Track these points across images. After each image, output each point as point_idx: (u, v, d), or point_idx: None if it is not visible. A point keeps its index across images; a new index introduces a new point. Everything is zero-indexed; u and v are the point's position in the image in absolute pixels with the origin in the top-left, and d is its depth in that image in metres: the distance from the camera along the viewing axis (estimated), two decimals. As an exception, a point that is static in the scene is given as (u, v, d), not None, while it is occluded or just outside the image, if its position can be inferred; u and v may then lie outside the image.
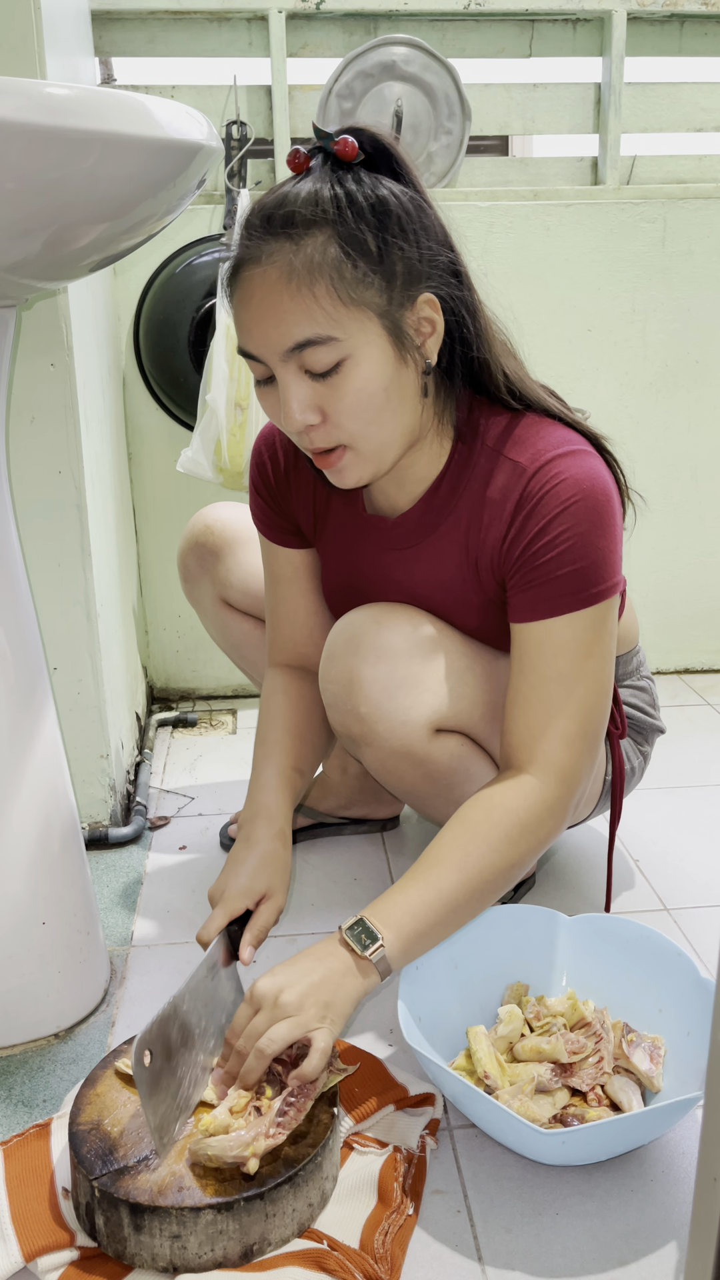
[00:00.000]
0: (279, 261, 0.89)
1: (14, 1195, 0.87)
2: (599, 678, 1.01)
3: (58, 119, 0.76)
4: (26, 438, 1.30)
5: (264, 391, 0.97)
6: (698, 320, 1.93)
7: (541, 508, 0.97)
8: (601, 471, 0.99)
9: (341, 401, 0.92)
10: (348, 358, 0.91)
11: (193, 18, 1.78)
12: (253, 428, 1.68)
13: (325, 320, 0.89)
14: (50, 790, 1.08)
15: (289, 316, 0.89)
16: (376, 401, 0.93)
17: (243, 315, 0.92)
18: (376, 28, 1.82)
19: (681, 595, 2.08)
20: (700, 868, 1.40)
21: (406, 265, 0.92)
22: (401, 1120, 0.95)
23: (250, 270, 0.91)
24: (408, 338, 0.94)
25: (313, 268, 0.88)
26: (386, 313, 0.91)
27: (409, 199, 0.92)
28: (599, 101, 1.90)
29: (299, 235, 0.88)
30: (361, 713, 1.06)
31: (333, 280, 0.88)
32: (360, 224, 0.89)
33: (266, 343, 0.91)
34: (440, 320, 0.96)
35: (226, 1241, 0.80)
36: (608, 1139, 0.86)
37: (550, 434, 1.00)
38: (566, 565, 0.97)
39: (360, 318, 0.90)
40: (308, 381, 0.92)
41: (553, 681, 0.99)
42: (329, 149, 0.92)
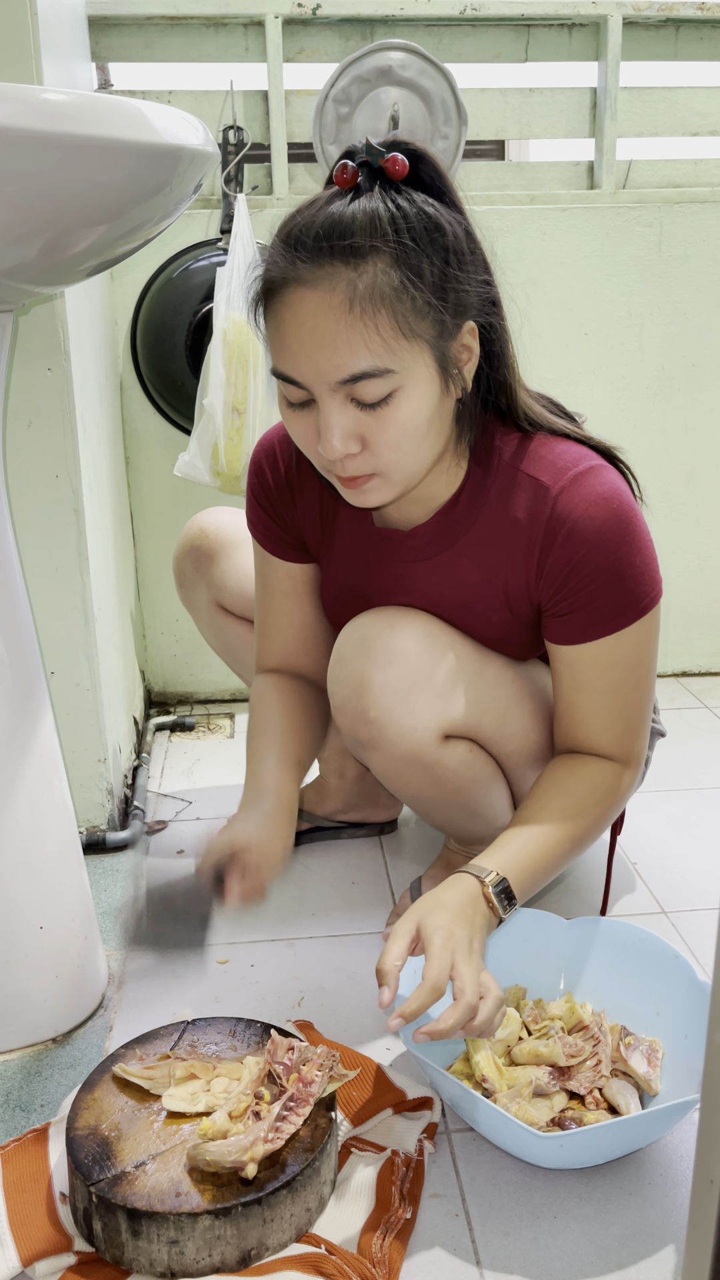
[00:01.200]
0: (339, 287, 0.85)
1: (11, 1200, 0.87)
2: (649, 673, 1.05)
3: (54, 124, 0.76)
4: (24, 442, 1.30)
5: (297, 415, 0.93)
6: (694, 324, 1.93)
7: (576, 536, 0.97)
8: (622, 486, 1.00)
9: (386, 433, 0.90)
10: (399, 389, 0.88)
11: (189, 23, 1.78)
12: (250, 432, 1.68)
13: (384, 352, 0.86)
14: (48, 794, 1.08)
15: (347, 347, 0.86)
16: (419, 434, 0.92)
17: (291, 340, 0.88)
18: (373, 33, 1.83)
19: (679, 598, 2.08)
20: (698, 871, 1.40)
21: (458, 295, 0.90)
22: (399, 1124, 0.95)
23: (300, 292, 0.86)
24: (451, 366, 0.92)
25: (376, 296, 0.84)
26: (437, 344, 0.89)
27: (461, 226, 0.90)
28: (595, 106, 1.91)
29: (359, 260, 0.85)
30: (371, 717, 1.06)
31: (395, 311, 0.85)
32: (420, 250, 0.86)
33: (317, 372, 0.87)
34: (477, 348, 0.94)
35: (224, 1247, 0.80)
36: (605, 1142, 0.86)
37: (566, 450, 1.00)
38: (609, 590, 0.99)
39: (416, 350, 0.88)
40: (352, 411, 0.89)
41: (611, 693, 1.03)
42: (377, 165, 0.88)
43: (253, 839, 1.01)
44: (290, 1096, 0.87)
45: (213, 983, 1.19)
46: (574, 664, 1.03)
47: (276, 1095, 0.88)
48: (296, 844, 1.48)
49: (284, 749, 1.12)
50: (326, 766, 1.47)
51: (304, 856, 1.46)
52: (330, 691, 1.10)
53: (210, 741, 1.87)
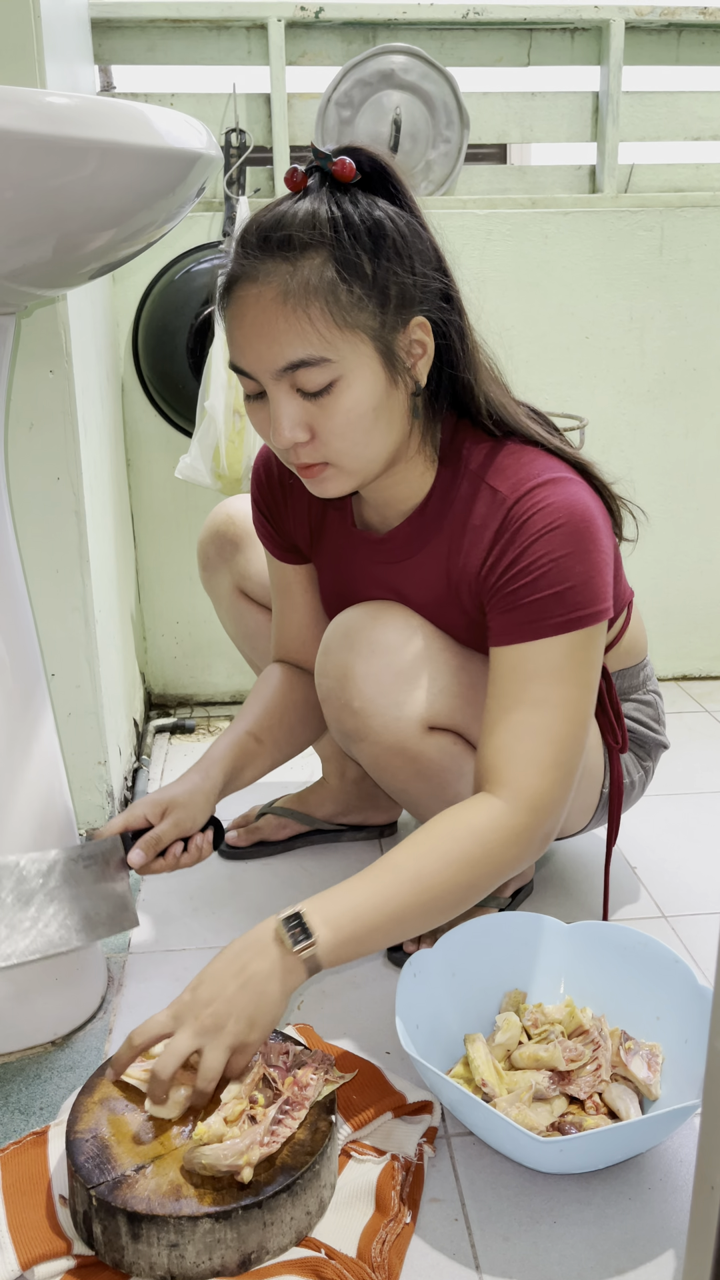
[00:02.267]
0: (275, 282, 0.89)
1: (11, 1203, 0.86)
2: (577, 707, 0.97)
3: (58, 128, 0.76)
4: (25, 444, 1.30)
5: (254, 406, 0.97)
6: (695, 328, 1.94)
7: (520, 535, 0.97)
8: (583, 498, 0.98)
9: (331, 421, 0.93)
10: (340, 379, 0.91)
11: (192, 26, 1.79)
12: (251, 434, 1.68)
13: (319, 342, 0.90)
14: (48, 796, 1.08)
15: (283, 337, 0.90)
16: (365, 422, 0.94)
17: (236, 332, 0.93)
18: (375, 36, 1.83)
19: (679, 602, 2.08)
20: (698, 875, 1.40)
21: (400, 289, 0.92)
22: (399, 1128, 0.94)
23: (245, 288, 0.91)
24: (399, 360, 0.94)
25: (308, 290, 0.88)
26: (379, 335, 0.92)
27: (405, 222, 0.93)
28: (597, 110, 1.91)
29: (295, 256, 0.89)
30: (355, 707, 1.07)
31: (328, 303, 0.89)
32: (356, 247, 0.89)
33: (259, 361, 0.92)
34: (431, 343, 0.96)
35: (224, 1250, 0.80)
36: (605, 1147, 0.86)
37: (533, 462, 1.00)
38: (543, 589, 0.96)
39: (354, 340, 0.91)
40: (298, 400, 0.93)
41: (526, 706, 0.96)
42: (326, 169, 0.92)
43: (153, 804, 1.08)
44: (286, 1100, 0.87)
45: (212, 985, 1.19)
46: (498, 667, 0.99)
47: (272, 1099, 0.88)
48: (296, 846, 1.49)
49: (244, 724, 1.19)
50: (328, 766, 1.48)
51: (303, 859, 1.46)
52: (317, 683, 1.13)
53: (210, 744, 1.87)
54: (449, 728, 1.11)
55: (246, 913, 1.33)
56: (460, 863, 0.92)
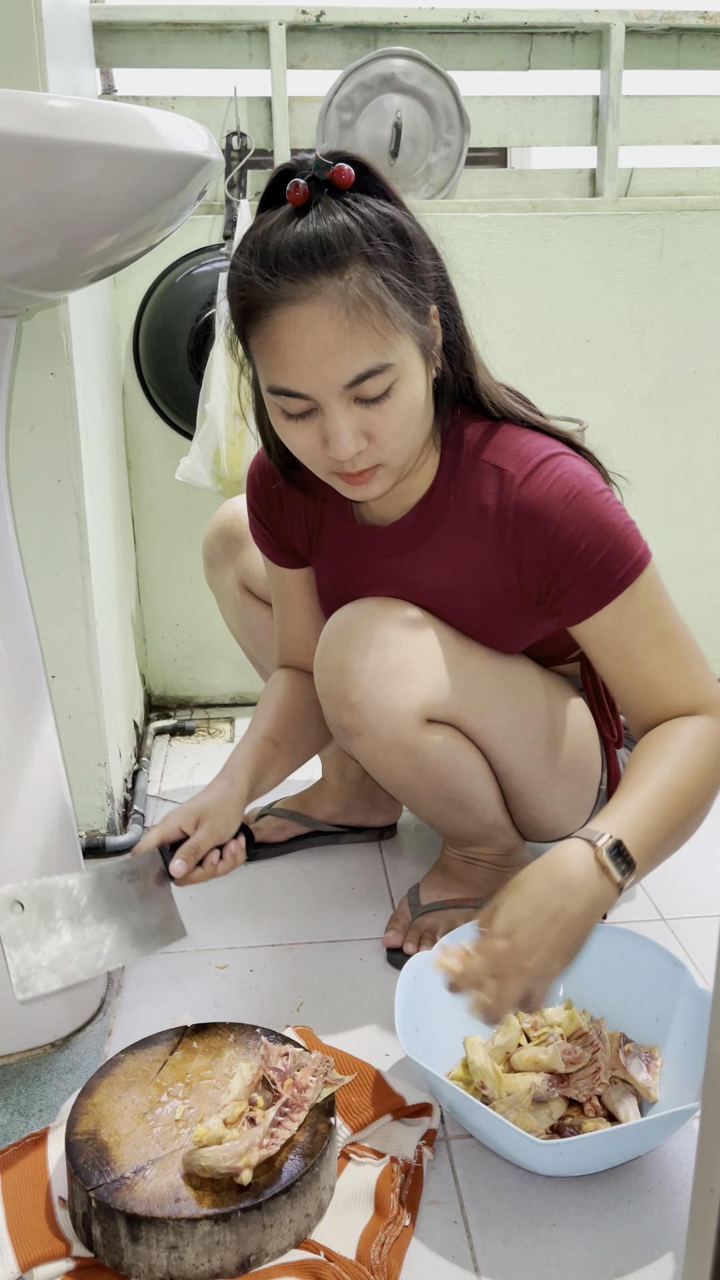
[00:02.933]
0: (330, 298, 0.88)
1: (10, 1205, 0.87)
2: (678, 622, 1.03)
3: (59, 132, 0.77)
4: (26, 446, 1.31)
5: (298, 426, 0.95)
6: (695, 331, 1.94)
7: (543, 513, 0.99)
8: (586, 470, 1.02)
9: (390, 424, 0.94)
10: (398, 379, 0.93)
11: (193, 29, 1.79)
12: (251, 437, 1.68)
13: (383, 347, 0.90)
14: (48, 798, 1.08)
15: (350, 350, 0.89)
16: (416, 418, 0.96)
17: (291, 355, 0.91)
18: (376, 40, 1.83)
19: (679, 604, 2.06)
20: (697, 878, 1.40)
21: (424, 282, 0.94)
22: (398, 1130, 0.94)
23: (291, 310, 0.89)
24: (430, 346, 0.97)
25: (362, 299, 0.88)
26: (417, 330, 0.94)
27: (407, 217, 0.94)
28: (597, 114, 1.91)
29: (341, 270, 0.88)
30: (352, 700, 1.08)
31: (382, 307, 0.89)
32: (389, 248, 0.90)
33: (321, 380, 0.91)
34: (440, 329, 0.98)
35: (223, 1252, 0.80)
36: (605, 1150, 0.86)
37: (530, 440, 1.03)
38: (595, 555, 0.99)
39: (404, 339, 0.92)
40: (357, 410, 0.93)
41: (653, 649, 1.01)
42: (324, 178, 0.91)
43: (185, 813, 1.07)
44: (285, 1102, 0.87)
45: (211, 988, 1.19)
46: (603, 637, 1.02)
47: (271, 1101, 0.88)
48: (296, 848, 1.49)
49: (261, 730, 1.20)
50: (328, 766, 1.48)
51: (303, 861, 1.46)
52: (315, 679, 1.13)
53: (210, 746, 1.87)
54: (447, 721, 1.11)
55: (246, 915, 1.33)
56: (702, 767, 0.97)
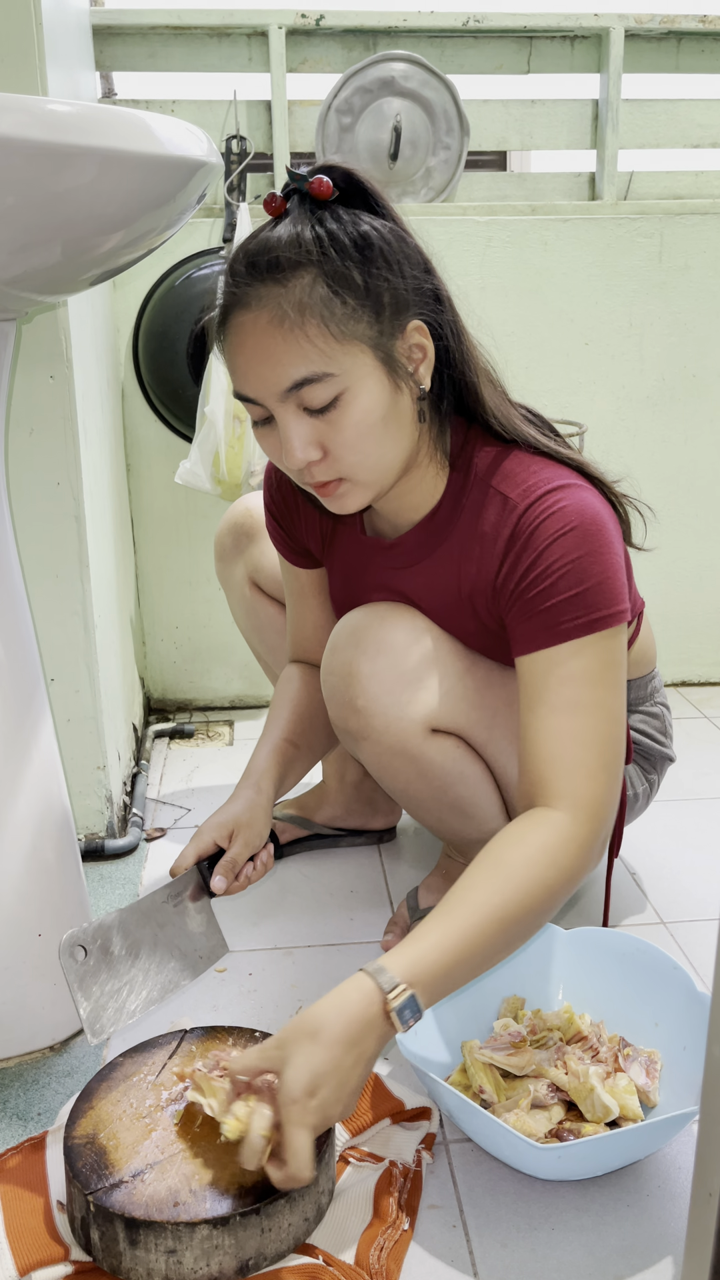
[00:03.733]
0: (268, 305, 0.89)
1: (8, 1209, 0.86)
2: (611, 707, 0.96)
3: (59, 135, 0.77)
4: (25, 449, 1.31)
5: (263, 432, 0.97)
6: (694, 334, 1.94)
7: (533, 541, 0.97)
8: (593, 503, 0.98)
9: (341, 435, 0.93)
10: (345, 391, 0.92)
11: (193, 33, 1.79)
12: (251, 440, 1.68)
13: (319, 357, 0.90)
14: (47, 801, 1.08)
15: (284, 358, 0.90)
16: (375, 432, 0.94)
17: (237, 360, 0.93)
18: (376, 44, 1.84)
19: (678, 608, 2.08)
20: (697, 881, 1.40)
21: (393, 295, 0.92)
22: (397, 1134, 0.94)
23: (240, 315, 0.91)
24: (400, 365, 0.95)
25: (302, 308, 0.89)
26: (378, 343, 0.92)
27: (389, 230, 0.93)
28: (596, 117, 1.91)
29: (285, 278, 0.89)
30: (359, 705, 1.07)
31: (323, 317, 0.89)
32: (345, 260, 0.90)
33: (263, 385, 0.92)
34: (431, 346, 0.96)
35: (222, 1257, 0.80)
36: (603, 1153, 0.86)
37: (541, 469, 1.00)
38: (563, 592, 0.95)
39: (353, 351, 0.91)
40: (307, 419, 0.93)
41: (562, 711, 0.95)
42: (304, 189, 0.92)
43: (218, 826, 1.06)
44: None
45: (210, 991, 1.19)
46: (529, 676, 0.98)
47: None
48: (295, 851, 1.49)
49: (278, 731, 1.19)
50: (328, 769, 1.48)
51: (302, 864, 1.46)
52: (322, 681, 1.13)
53: (209, 749, 1.87)
54: (452, 730, 1.11)
55: (246, 917, 1.33)
56: (540, 890, 0.89)
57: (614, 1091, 0.93)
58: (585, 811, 0.92)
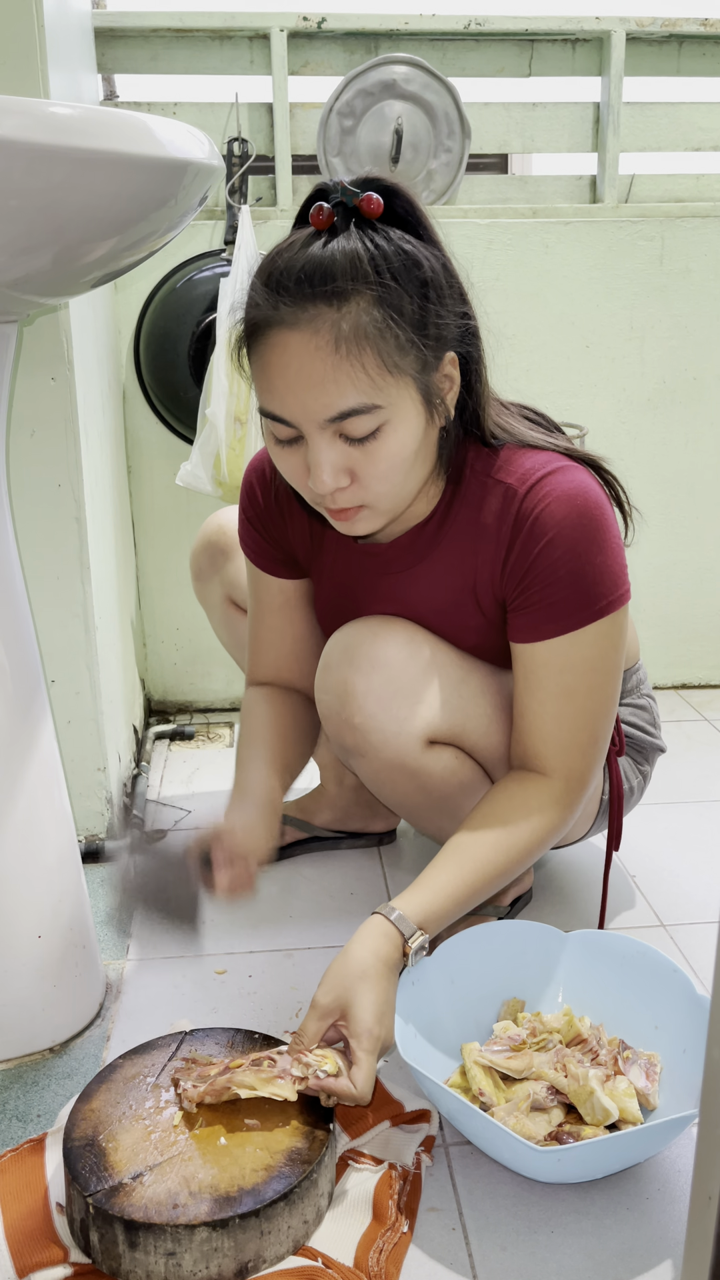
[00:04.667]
0: (324, 328, 0.86)
1: (8, 1211, 0.86)
2: (608, 689, 1.03)
3: (61, 138, 0.77)
4: (26, 451, 1.31)
5: (286, 452, 0.94)
6: (695, 337, 1.94)
7: (537, 529, 0.98)
8: (589, 484, 0.99)
9: (375, 466, 0.92)
10: (386, 423, 0.90)
11: (195, 36, 1.79)
12: (252, 442, 1.68)
13: (370, 389, 0.88)
14: (47, 802, 1.08)
15: (334, 386, 0.87)
16: (407, 465, 0.94)
17: (276, 380, 0.90)
18: (377, 47, 1.84)
19: (679, 611, 2.08)
20: (697, 884, 1.40)
21: (438, 328, 0.91)
22: (397, 1137, 0.94)
23: (284, 335, 0.88)
24: (435, 397, 0.94)
25: (360, 335, 0.86)
26: (420, 376, 0.91)
27: (438, 260, 0.91)
28: (598, 120, 1.91)
29: (341, 301, 0.86)
30: (355, 723, 1.07)
31: (379, 348, 0.87)
32: (400, 290, 0.87)
33: (305, 411, 0.89)
34: (458, 377, 0.96)
35: (221, 1259, 0.80)
36: (603, 1157, 0.86)
37: (535, 456, 1.01)
38: (566, 585, 0.98)
39: (400, 384, 0.89)
40: (341, 446, 0.91)
41: (562, 696, 1.01)
42: (351, 204, 0.89)
43: (238, 826, 1.05)
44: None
45: (210, 993, 1.19)
46: (529, 663, 1.02)
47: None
48: (295, 854, 1.49)
49: (271, 754, 1.15)
50: (326, 773, 1.48)
51: (302, 867, 1.46)
52: (317, 699, 1.12)
53: (209, 750, 1.87)
54: (449, 740, 1.10)
55: (245, 920, 1.33)
56: (534, 848, 1.02)
57: (614, 1094, 0.93)
58: (576, 781, 1.04)
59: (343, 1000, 0.91)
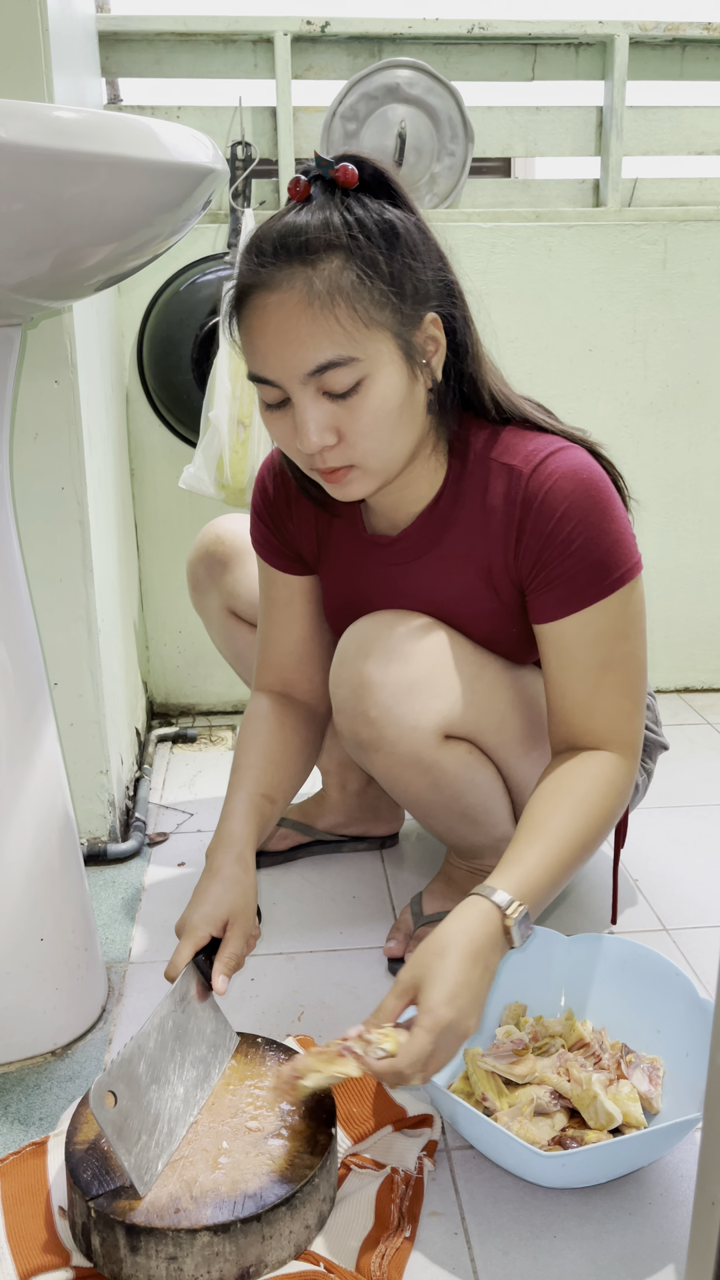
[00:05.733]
0: (298, 286, 0.89)
1: (10, 1214, 0.86)
2: (638, 655, 1.04)
3: (65, 142, 0.77)
4: (30, 454, 1.31)
5: (274, 416, 0.97)
6: (698, 341, 1.94)
7: (547, 506, 0.99)
8: (591, 461, 1.02)
9: (359, 421, 0.94)
10: (366, 377, 0.92)
11: (199, 39, 1.80)
12: (255, 445, 1.68)
13: (346, 342, 0.90)
14: (50, 805, 1.08)
15: (310, 340, 0.90)
16: (391, 420, 0.95)
17: (258, 341, 0.93)
18: (381, 51, 1.84)
19: (682, 614, 2.08)
20: (700, 887, 1.40)
21: (415, 285, 0.94)
22: (399, 1141, 0.94)
23: (264, 296, 0.91)
24: (417, 356, 0.96)
25: (332, 290, 0.89)
26: (399, 332, 0.93)
27: (412, 222, 0.94)
28: (601, 124, 1.92)
29: (315, 260, 0.89)
30: (371, 717, 1.07)
31: (352, 302, 0.90)
32: (373, 246, 0.91)
33: (285, 367, 0.92)
34: (443, 338, 0.98)
35: (223, 1263, 0.80)
36: (607, 1161, 0.86)
37: (536, 438, 1.03)
38: (582, 560, 0.99)
39: (377, 338, 0.92)
40: (325, 403, 0.93)
41: (598, 670, 1.02)
42: (329, 176, 0.93)
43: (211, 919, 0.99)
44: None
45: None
46: (559, 642, 1.03)
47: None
48: (297, 857, 1.49)
49: (253, 783, 1.12)
50: (329, 779, 1.48)
51: (304, 870, 1.46)
52: (331, 693, 1.12)
53: (212, 753, 1.87)
54: (464, 736, 1.10)
55: (247, 923, 1.33)
56: (607, 815, 1.00)
57: (617, 1099, 0.93)
58: (629, 748, 1.04)
59: (419, 977, 0.86)
